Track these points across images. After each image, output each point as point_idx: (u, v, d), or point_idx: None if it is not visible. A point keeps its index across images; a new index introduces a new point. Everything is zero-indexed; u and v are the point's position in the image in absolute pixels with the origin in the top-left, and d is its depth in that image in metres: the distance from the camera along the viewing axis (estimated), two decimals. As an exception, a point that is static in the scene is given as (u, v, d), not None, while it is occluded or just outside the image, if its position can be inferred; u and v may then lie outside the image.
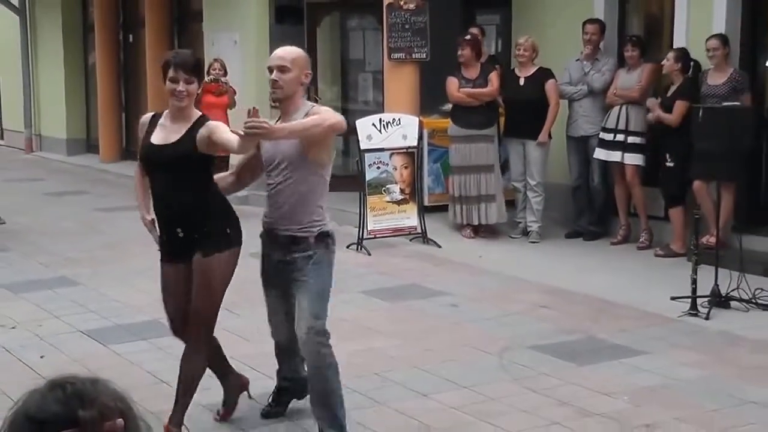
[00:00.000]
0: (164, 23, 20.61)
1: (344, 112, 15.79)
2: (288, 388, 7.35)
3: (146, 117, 7.21)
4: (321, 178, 6.83)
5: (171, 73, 6.68)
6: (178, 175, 6.78)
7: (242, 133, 6.21)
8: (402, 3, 13.62)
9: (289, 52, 6.78)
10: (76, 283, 11.30)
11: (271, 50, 17.04)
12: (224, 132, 6.84)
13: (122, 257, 12.68)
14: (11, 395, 1.90)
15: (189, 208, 6.78)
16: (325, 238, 6.79)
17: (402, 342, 8.95)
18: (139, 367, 8.36)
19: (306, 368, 6.96)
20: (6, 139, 24.90)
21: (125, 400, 2.19)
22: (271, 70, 6.70)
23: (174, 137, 6.75)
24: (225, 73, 15.77)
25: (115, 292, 10.88)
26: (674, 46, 12.44)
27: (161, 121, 6.93)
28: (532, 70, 13.11)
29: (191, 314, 6.85)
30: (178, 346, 8.69)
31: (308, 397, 7.01)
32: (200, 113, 7.02)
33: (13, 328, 9.53)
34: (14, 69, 25.82)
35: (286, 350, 7.19)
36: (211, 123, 6.93)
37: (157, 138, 6.84)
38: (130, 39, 22.46)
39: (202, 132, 6.69)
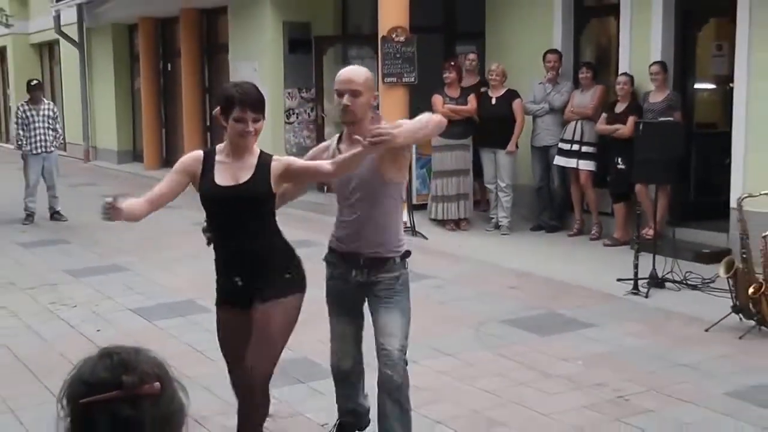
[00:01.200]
0: (196, 54, 20.62)
1: (347, 127, 15.86)
2: (352, 423, 6.02)
3: (196, 156, 5.38)
4: (399, 197, 5.64)
5: (237, 112, 5.08)
6: (249, 216, 5.27)
7: (366, 142, 4.86)
8: (394, 36, 13.63)
9: (359, 74, 5.36)
10: (125, 269, 11.33)
11: (286, 76, 17.65)
12: (300, 160, 5.50)
13: (163, 248, 12.71)
14: (73, 362, 1.93)
15: (257, 252, 5.32)
16: (407, 257, 5.61)
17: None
18: (177, 338, 8.38)
19: (378, 393, 5.54)
20: (68, 151, 24.88)
21: (162, 366, 2.21)
22: (341, 93, 5.31)
23: (244, 175, 5.21)
24: (246, 94, 15.67)
25: (157, 276, 10.93)
26: (620, 71, 12.48)
27: (219, 158, 5.28)
28: (502, 91, 13.13)
29: (248, 370, 5.32)
30: (210, 321, 8.75)
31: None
32: (258, 149, 5.38)
33: (75, 306, 9.57)
34: (75, 92, 26.13)
35: (347, 380, 5.85)
36: (279, 157, 5.42)
37: (222, 178, 5.22)
38: (169, 67, 22.49)
39: (275, 166, 5.24)
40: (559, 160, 12.84)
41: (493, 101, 13.16)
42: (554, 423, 6.21)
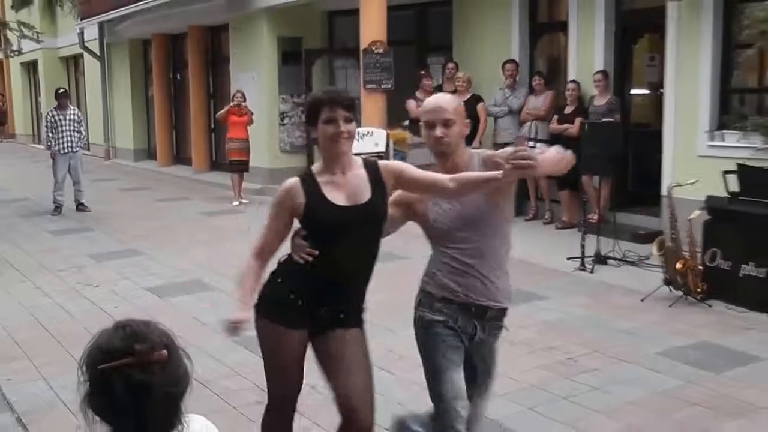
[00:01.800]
0: (202, 65, 20.63)
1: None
2: None
3: (290, 186, 4.03)
4: (510, 234, 4.32)
5: (326, 113, 3.92)
6: (371, 240, 4.09)
7: (508, 166, 3.64)
8: (374, 48, 13.65)
9: (449, 102, 4.14)
10: (141, 253, 11.30)
11: (280, 84, 17.71)
12: (414, 167, 4.10)
13: (174, 234, 12.74)
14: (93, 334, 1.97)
15: (366, 281, 4.24)
16: None
17: (379, 293, 8.98)
18: (186, 313, 8.39)
19: None
20: (91, 150, 24.85)
21: (170, 336, 2.25)
22: (431, 124, 4.06)
23: (362, 192, 3.97)
24: (244, 99, 15.74)
25: (169, 259, 10.89)
26: (568, 79, 12.56)
27: (322, 179, 4.00)
28: (468, 96, 13.13)
29: (358, 392, 4.17)
30: (216, 297, 8.80)
31: None
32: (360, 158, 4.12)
33: (97, 286, 9.54)
34: (97, 99, 26.16)
35: None
36: (385, 161, 4.27)
37: (338, 198, 3.97)
38: (178, 77, 22.46)
39: (386, 171, 4.04)
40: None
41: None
42: (515, 382, 6.23)
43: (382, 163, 4.11)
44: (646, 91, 13.00)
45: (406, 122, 13.53)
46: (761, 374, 6.45)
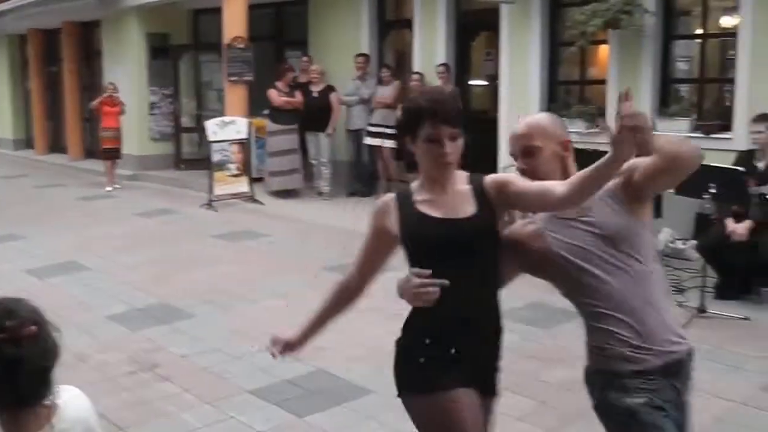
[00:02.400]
0: (76, 59, 20.04)
1: (199, 117, 15.77)
2: None
3: (385, 204, 3.22)
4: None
5: (429, 128, 2.92)
6: (479, 260, 3.00)
7: (615, 133, 2.51)
8: (235, 44, 13.57)
9: (534, 125, 3.13)
10: (21, 237, 10.95)
11: (150, 77, 17.38)
12: (520, 179, 3.01)
13: (51, 219, 12.40)
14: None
15: (484, 313, 3.08)
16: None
17: (240, 268, 9.00)
18: (65, 292, 8.21)
19: None
20: (-29, 140, 23.99)
21: (39, 312, 2.24)
22: (514, 155, 3.13)
23: (466, 208, 2.99)
24: (116, 91, 15.43)
25: (47, 242, 10.60)
26: (413, 70, 12.74)
27: (419, 198, 3.08)
28: (322, 86, 13.20)
29: None
30: (92, 276, 8.65)
31: None
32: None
33: (-24, 269, 9.26)
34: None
35: None
36: (492, 175, 3.10)
37: (436, 213, 3.03)
38: (54, 69, 21.79)
39: (489, 187, 3.00)
40: (368, 140, 13.00)
41: (315, 94, 13.21)
42: (365, 346, 6.35)
43: (488, 177, 3.09)
44: (484, 83, 13.28)
45: (267, 111, 13.50)
46: (582, 327, 6.72)
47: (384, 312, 7.22)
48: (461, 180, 3.08)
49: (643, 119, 2.56)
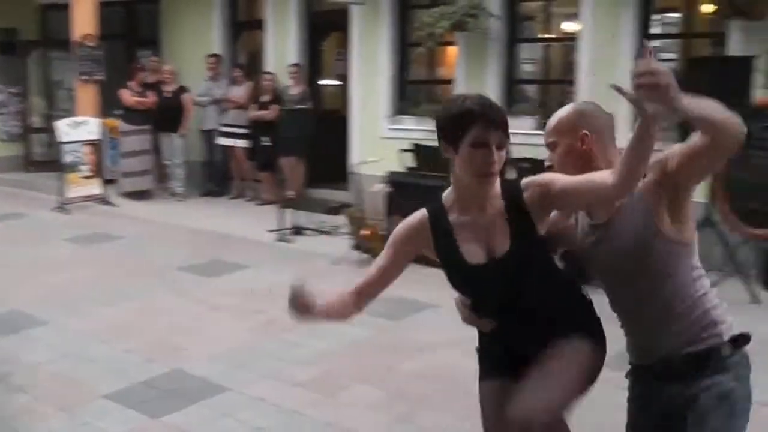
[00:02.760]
0: None
1: (49, 117, 15.17)
2: None
3: (420, 221, 3.03)
4: (691, 261, 2.77)
5: (478, 132, 2.71)
6: (523, 289, 2.86)
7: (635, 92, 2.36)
8: (85, 42, 13.17)
9: (552, 120, 2.95)
10: None
11: None
12: (563, 177, 2.76)
13: None
14: None
15: (542, 319, 2.92)
16: (742, 344, 2.72)
17: (94, 271, 8.71)
18: None
19: None
20: None
21: None
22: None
23: (500, 242, 2.81)
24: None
25: None
26: (264, 70, 12.65)
27: (453, 217, 2.91)
28: (175, 86, 12.93)
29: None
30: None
31: None
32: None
33: None
34: None
35: None
36: (529, 179, 2.83)
37: (472, 253, 2.85)
38: None
39: (531, 198, 2.78)
40: (221, 140, 12.85)
41: (168, 95, 12.92)
42: (221, 344, 6.26)
43: (526, 183, 2.83)
44: (335, 82, 13.30)
45: (119, 111, 13.14)
46: (435, 318, 6.85)
47: (240, 310, 7.17)
48: (495, 192, 2.85)
49: (663, 76, 2.33)
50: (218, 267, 8.68)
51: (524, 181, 2.84)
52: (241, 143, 12.60)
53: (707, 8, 8.58)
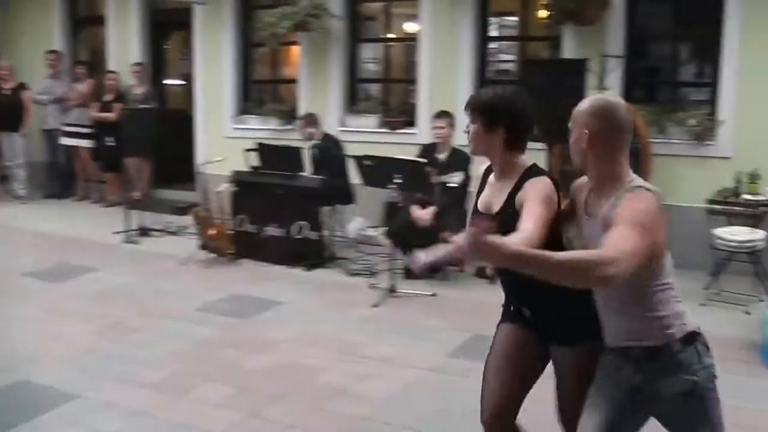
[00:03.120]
0: None
1: None
2: None
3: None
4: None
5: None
6: None
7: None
8: None
9: (576, 107, 2.98)
10: None
11: None
12: (531, 209, 3.00)
13: None
14: None
15: (537, 293, 3.11)
16: (692, 341, 2.91)
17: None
18: None
19: None
20: None
21: None
22: None
23: (497, 202, 3.26)
24: None
25: None
26: (108, 68, 12.43)
27: (490, 178, 3.41)
28: (13, 84, 12.45)
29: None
30: None
31: None
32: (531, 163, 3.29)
33: None
34: None
35: None
36: (536, 179, 3.15)
37: (482, 202, 3.37)
38: None
39: (520, 195, 3.13)
40: (63, 140, 12.48)
41: (6, 92, 12.43)
42: (67, 348, 6.12)
43: (529, 183, 3.16)
44: (181, 82, 13.18)
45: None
46: (281, 315, 6.96)
47: (88, 314, 7.05)
48: (517, 173, 3.24)
49: (480, 246, 2.47)
50: (64, 271, 8.48)
51: (531, 181, 3.16)
52: (84, 143, 12.24)
53: (542, 13, 8.95)
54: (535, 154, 7.84)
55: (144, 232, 9.95)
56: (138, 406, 5.12)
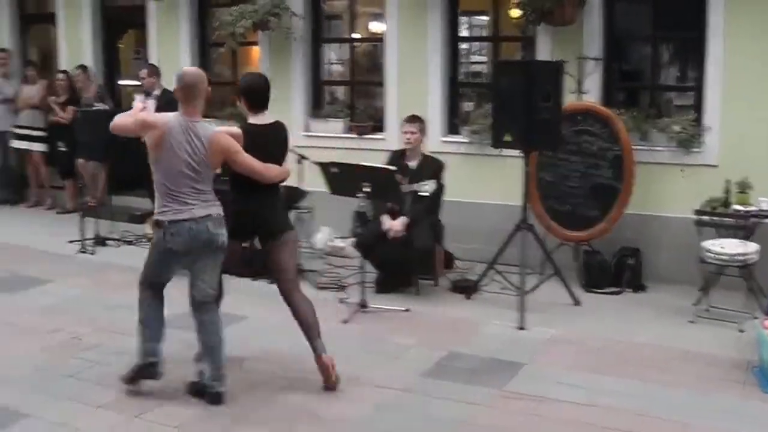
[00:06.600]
0: None
1: None
2: None
3: None
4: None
5: None
6: None
7: None
8: None
9: None
10: None
11: None
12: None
13: None
14: None
15: None
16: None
17: None
18: None
19: None
20: None
21: None
22: None
23: None
24: None
25: None
26: (59, 68, 12.26)
27: None
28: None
29: None
30: None
31: None
32: None
33: None
34: None
35: None
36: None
37: None
38: None
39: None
40: (15, 143, 12.35)
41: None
42: (19, 367, 5.99)
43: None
44: (135, 82, 12.98)
45: None
46: (244, 331, 6.85)
47: (39, 328, 6.89)
48: None
49: None
50: (15, 282, 8.30)
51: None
52: (37, 147, 12.13)
53: (515, 12, 8.87)
54: (510, 161, 7.93)
55: (100, 241, 9.77)
56: (91, 427, 5.00)
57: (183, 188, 5.17)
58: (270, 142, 5.61)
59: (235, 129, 5.53)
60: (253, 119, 5.62)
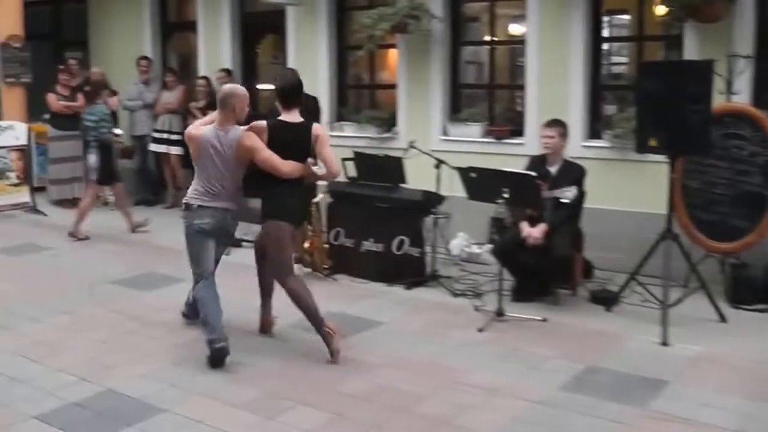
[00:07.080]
0: None
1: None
2: None
3: None
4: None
5: None
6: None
7: None
8: (11, 43, 12.88)
9: None
10: None
11: None
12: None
13: None
14: None
15: None
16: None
17: (21, 284, 8.44)
18: None
19: None
20: None
21: None
22: None
23: None
24: None
25: None
26: (199, 74, 12.51)
27: None
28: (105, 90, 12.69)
29: None
30: None
31: None
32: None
33: None
34: None
35: None
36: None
37: None
38: None
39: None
40: (153, 147, 12.67)
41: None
42: (157, 359, 6.14)
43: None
44: (273, 86, 13.13)
45: (47, 116, 12.85)
46: (379, 336, 6.76)
47: (175, 325, 6.99)
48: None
49: None
50: (152, 280, 8.51)
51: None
52: (174, 150, 12.41)
53: (660, 10, 8.53)
54: (654, 167, 7.62)
55: (236, 242, 9.82)
56: (227, 426, 5.01)
57: (214, 185, 6.27)
58: (292, 140, 6.19)
59: (261, 123, 6.26)
60: (285, 116, 6.29)
